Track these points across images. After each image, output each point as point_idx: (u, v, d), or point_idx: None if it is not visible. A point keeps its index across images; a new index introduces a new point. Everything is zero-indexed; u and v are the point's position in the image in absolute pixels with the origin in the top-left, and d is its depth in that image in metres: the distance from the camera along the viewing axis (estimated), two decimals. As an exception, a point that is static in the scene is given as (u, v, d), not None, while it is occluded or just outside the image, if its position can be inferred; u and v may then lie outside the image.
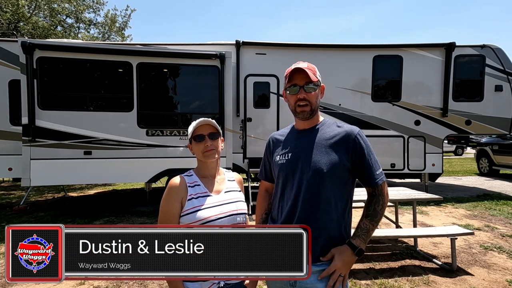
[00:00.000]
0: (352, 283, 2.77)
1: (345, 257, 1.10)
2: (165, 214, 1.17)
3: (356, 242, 1.12)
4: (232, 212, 1.21)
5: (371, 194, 1.20)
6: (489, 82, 6.41)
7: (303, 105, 1.18)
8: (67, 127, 4.88)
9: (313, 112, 1.21)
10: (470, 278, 2.87)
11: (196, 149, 1.26)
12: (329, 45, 6.39)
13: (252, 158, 6.10)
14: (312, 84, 1.17)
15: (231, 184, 1.33)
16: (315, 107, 1.21)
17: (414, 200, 3.60)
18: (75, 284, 2.82)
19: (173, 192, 1.19)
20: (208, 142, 1.24)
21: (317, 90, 1.20)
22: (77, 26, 15.19)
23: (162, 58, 5.32)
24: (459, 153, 19.06)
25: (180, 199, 1.18)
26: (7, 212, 5.56)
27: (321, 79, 1.24)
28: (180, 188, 1.20)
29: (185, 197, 1.18)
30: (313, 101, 1.19)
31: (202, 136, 1.24)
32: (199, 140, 1.24)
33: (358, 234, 1.14)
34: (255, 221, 1.43)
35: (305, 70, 1.16)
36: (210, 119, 1.28)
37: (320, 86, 1.23)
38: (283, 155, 1.24)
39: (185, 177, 1.25)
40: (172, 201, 1.17)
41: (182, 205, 1.17)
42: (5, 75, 5.39)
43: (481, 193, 6.78)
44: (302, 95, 1.18)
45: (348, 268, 1.10)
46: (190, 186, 1.22)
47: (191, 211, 1.16)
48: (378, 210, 1.16)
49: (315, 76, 1.19)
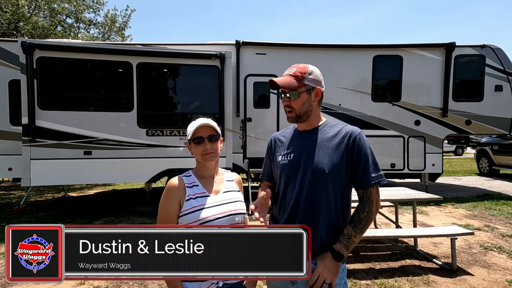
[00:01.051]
0: (352, 283, 2.77)
1: (326, 261, 1.09)
2: (164, 215, 1.17)
3: (336, 246, 1.11)
4: (231, 212, 1.21)
5: (359, 200, 1.18)
6: (489, 82, 6.41)
7: (288, 110, 1.21)
8: (67, 127, 4.88)
9: (299, 117, 1.21)
10: (470, 278, 2.87)
11: (195, 151, 1.25)
12: (329, 45, 6.39)
13: (252, 158, 6.10)
14: (294, 91, 1.18)
15: (230, 184, 1.32)
16: (299, 112, 1.20)
17: (414, 200, 3.60)
18: (75, 284, 2.82)
19: (172, 193, 1.18)
20: (207, 145, 1.23)
21: (302, 96, 1.18)
22: (77, 26, 15.19)
23: (162, 58, 5.32)
24: (459, 153, 19.06)
25: (178, 199, 1.18)
26: (7, 212, 5.56)
27: (318, 80, 1.21)
28: (179, 188, 1.19)
29: (183, 197, 1.18)
30: (297, 107, 1.19)
31: (201, 138, 1.23)
32: (198, 142, 1.23)
33: (340, 239, 1.12)
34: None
35: (275, 81, 1.17)
36: (210, 119, 1.27)
37: (313, 90, 1.20)
38: (285, 155, 1.24)
39: (183, 177, 1.24)
40: (170, 202, 1.17)
41: (181, 206, 1.17)
42: (5, 75, 5.39)
43: (481, 193, 6.78)
44: (285, 102, 1.21)
45: (332, 273, 1.07)
46: (188, 186, 1.21)
47: (189, 211, 1.16)
48: (362, 217, 1.13)
49: (301, 82, 1.17)
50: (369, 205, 1.15)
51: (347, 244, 1.11)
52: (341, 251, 1.10)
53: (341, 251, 1.10)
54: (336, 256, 1.09)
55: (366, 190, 1.16)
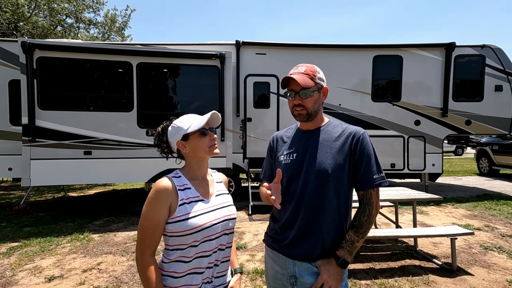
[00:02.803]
0: (352, 283, 2.77)
1: (330, 268, 1.09)
2: (150, 220, 1.03)
3: (340, 253, 1.10)
4: (225, 218, 1.15)
5: (359, 202, 1.17)
6: (489, 82, 6.41)
7: (299, 109, 1.19)
8: (67, 127, 4.88)
9: (310, 115, 1.20)
10: (470, 278, 2.86)
11: (199, 145, 1.13)
12: (329, 45, 6.39)
13: (252, 158, 6.10)
14: (307, 90, 1.16)
15: (220, 186, 1.25)
16: (311, 111, 1.19)
17: (414, 200, 3.60)
18: (75, 284, 2.82)
19: (162, 196, 1.04)
20: (213, 136, 1.15)
21: (315, 94, 1.18)
22: (77, 26, 15.17)
23: (162, 58, 5.31)
24: (459, 153, 19.07)
25: (169, 203, 1.04)
26: (7, 212, 5.56)
27: (324, 80, 1.22)
28: (170, 191, 1.05)
29: (175, 201, 1.05)
30: (309, 106, 1.18)
31: (211, 129, 1.15)
32: (205, 133, 1.13)
33: (343, 245, 1.11)
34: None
35: (294, 78, 1.14)
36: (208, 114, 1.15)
37: (322, 89, 1.21)
38: (287, 155, 1.23)
39: (173, 179, 1.11)
40: (159, 206, 1.03)
41: (171, 211, 1.04)
42: (5, 75, 5.40)
43: (481, 193, 6.78)
44: (297, 101, 1.17)
45: (336, 280, 1.08)
46: (180, 189, 1.09)
47: (183, 218, 1.04)
48: (363, 221, 1.13)
49: (313, 80, 1.17)
50: (370, 207, 1.14)
51: (350, 250, 1.11)
52: (345, 258, 1.09)
53: (345, 257, 1.09)
54: (341, 263, 1.09)
55: (367, 191, 1.15)
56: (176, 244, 1.06)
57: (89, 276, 2.99)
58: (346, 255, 1.10)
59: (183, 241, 1.05)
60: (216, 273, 1.14)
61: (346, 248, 1.11)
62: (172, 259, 1.07)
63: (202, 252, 1.08)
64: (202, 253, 1.08)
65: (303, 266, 1.13)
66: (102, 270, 3.11)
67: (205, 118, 1.13)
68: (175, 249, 1.06)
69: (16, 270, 3.14)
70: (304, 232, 1.14)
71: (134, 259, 3.38)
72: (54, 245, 3.85)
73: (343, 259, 1.09)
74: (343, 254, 1.10)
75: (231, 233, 1.19)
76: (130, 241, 3.96)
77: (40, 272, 3.07)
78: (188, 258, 1.06)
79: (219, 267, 1.14)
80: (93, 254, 3.56)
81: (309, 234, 1.14)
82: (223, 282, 1.17)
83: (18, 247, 3.77)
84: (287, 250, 1.17)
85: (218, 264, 1.14)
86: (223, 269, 1.17)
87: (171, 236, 1.06)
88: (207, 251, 1.09)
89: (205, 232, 1.07)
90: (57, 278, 2.94)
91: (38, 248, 3.70)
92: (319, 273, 1.10)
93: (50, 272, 3.08)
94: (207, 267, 1.09)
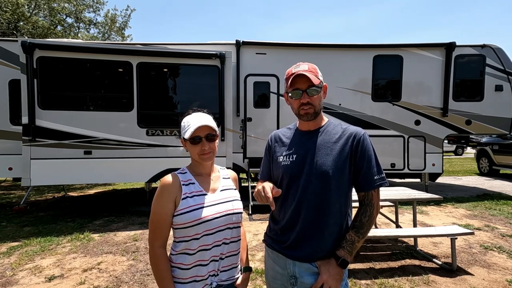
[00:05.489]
0: (352, 283, 2.77)
1: (330, 268, 1.08)
2: (158, 214, 1.12)
3: (340, 253, 1.10)
4: (228, 212, 1.17)
5: (360, 202, 1.17)
6: (489, 82, 6.41)
7: (307, 108, 1.17)
8: (67, 127, 4.87)
9: (317, 113, 1.19)
10: (470, 278, 2.86)
11: (192, 150, 1.19)
12: (329, 45, 6.39)
13: (252, 158, 6.10)
14: (314, 87, 1.15)
15: (227, 182, 1.28)
16: (318, 109, 1.19)
17: (414, 200, 3.60)
18: (75, 284, 2.82)
19: (167, 191, 1.12)
20: (205, 145, 1.17)
21: (320, 92, 1.18)
22: (77, 25, 15.18)
23: (162, 57, 5.31)
24: (459, 153, 19.07)
25: (173, 198, 1.12)
26: (7, 212, 5.56)
27: (322, 78, 1.22)
28: (174, 186, 1.13)
29: (179, 196, 1.12)
30: (316, 104, 1.17)
31: (199, 138, 1.16)
32: (196, 142, 1.16)
33: (343, 245, 1.11)
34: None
35: (307, 75, 1.13)
36: (206, 117, 1.21)
37: (323, 87, 1.21)
38: (287, 156, 1.22)
39: (178, 175, 1.19)
40: (165, 201, 1.12)
41: (176, 205, 1.12)
42: (5, 75, 5.40)
43: (481, 193, 6.78)
44: (306, 100, 1.15)
45: (336, 280, 1.07)
46: (184, 184, 1.16)
47: (186, 210, 1.11)
48: (364, 221, 1.12)
49: (317, 77, 1.16)
50: (371, 208, 1.13)
51: (350, 250, 1.10)
52: (346, 258, 1.09)
53: (346, 257, 1.09)
54: (341, 263, 1.08)
55: (368, 192, 1.14)
56: (181, 236, 1.13)
57: (89, 275, 2.99)
58: (346, 255, 1.09)
59: (186, 233, 1.11)
60: (222, 266, 1.17)
61: (346, 248, 1.10)
62: (178, 251, 1.13)
63: (205, 245, 1.12)
64: (205, 246, 1.12)
65: (303, 266, 1.13)
66: (102, 270, 3.12)
67: (192, 129, 1.14)
68: (180, 241, 1.13)
69: (16, 269, 3.14)
70: (306, 234, 1.14)
71: (134, 258, 3.39)
72: (54, 244, 3.85)
73: (343, 259, 1.08)
74: (343, 254, 1.09)
75: (235, 228, 1.21)
76: (130, 241, 3.96)
77: (40, 272, 3.07)
78: (192, 251, 1.11)
79: (224, 261, 1.18)
80: (93, 253, 3.56)
81: (311, 236, 1.13)
82: (231, 277, 1.20)
83: (18, 247, 3.77)
84: (288, 251, 1.17)
85: (223, 258, 1.17)
86: (229, 263, 1.19)
87: (176, 228, 1.13)
88: (209, 244, 1.12)
89: (207, 225, 1.12)
90: (57, 278, 2.94)
91: (38, 248, 3.71)
92: (319, 273, 1.10)
93: (50, 271, 3.08)
94: (211, 260, 1.14)
